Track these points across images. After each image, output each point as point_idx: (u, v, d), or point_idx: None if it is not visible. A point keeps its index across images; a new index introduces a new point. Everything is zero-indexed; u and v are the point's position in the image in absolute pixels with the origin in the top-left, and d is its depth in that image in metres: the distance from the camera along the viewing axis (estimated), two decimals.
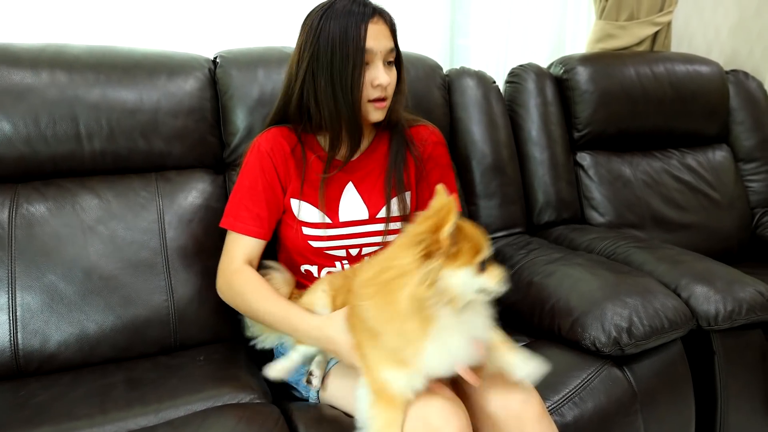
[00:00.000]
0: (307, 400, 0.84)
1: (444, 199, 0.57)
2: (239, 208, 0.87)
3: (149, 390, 0.81)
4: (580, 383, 0.85)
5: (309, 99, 0.83)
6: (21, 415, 0.76)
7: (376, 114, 0.85)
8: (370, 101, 0.83)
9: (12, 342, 0.89)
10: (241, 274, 0.84)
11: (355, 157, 0.90)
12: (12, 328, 0.89)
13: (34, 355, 0.89)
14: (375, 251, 0.89)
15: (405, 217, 0.90)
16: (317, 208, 0.87)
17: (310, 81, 0.82)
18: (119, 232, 0.97)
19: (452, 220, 0.55)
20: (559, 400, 0.83)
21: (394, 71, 0.85)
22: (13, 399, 0.81)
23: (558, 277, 1.03)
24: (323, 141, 0.90)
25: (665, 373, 0.94)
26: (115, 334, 0.93)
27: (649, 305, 0.93)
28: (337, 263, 0.89)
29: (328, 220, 0.87)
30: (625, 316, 0.90)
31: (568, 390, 0.84)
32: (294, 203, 0.87)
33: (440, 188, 0.61)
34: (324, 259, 0.88)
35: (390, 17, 0.85)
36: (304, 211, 0.87)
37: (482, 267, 0.59)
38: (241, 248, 0.86)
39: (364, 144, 0.92)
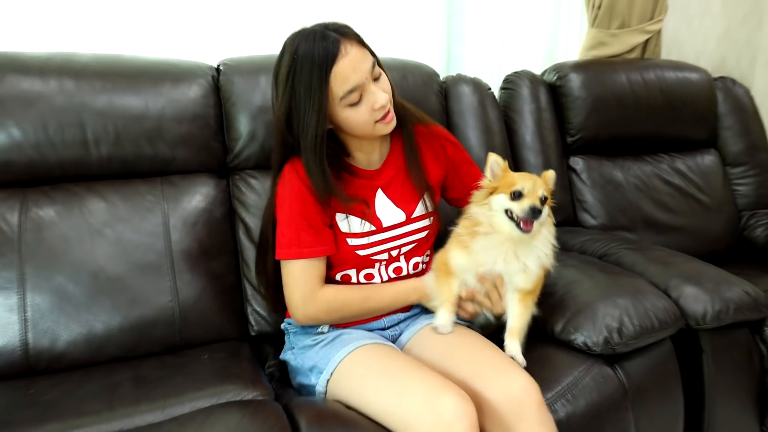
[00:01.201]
0: (315, 387, 0.86)
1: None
2: (298, 233, 0.84)
3: (155, 387, 0.84)
4: (572, 381, 0.88)
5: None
6: (31, 412, 0.78)
7: (386, 128, 0.87)
8: (377, 122, 0.85)
9: (23, 341, 0.91)
10: (327, 297, 0.87)
11: (378, 166, 0.93)
12: (23, 327, 0.91)
13: (43, 354, 0.91)
14: (413, 248, 0.94)
15: (435, 212, 0.95)
16: (362, 218, 0.89)
17: (297, 125, 0.83)
18: (126, 234, 0.99)
19: (487, 169, 0.87)
20: (552, 397, 0.85)
21: (384, 79, 0.85)
22: (23, 396, 0.83)
23: (551, 279, 1.04)
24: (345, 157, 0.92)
25: (655, 370, 0.97)
26: (122, 333, 0.95)
27: (640, 305, 0.96)
28: (377, 264, 0.92)
29: (373, 228, 0.90)
30: (616, 316, 0.93)
31: (560, 387, 0.87)
32: (340, 217, 0.88)
33: (490, 155, 0.87)
34: (365, 263, 0.91)
35: (353, 32, 0.84)
36: (353, 223, 0.89)
37: (515, 197, 0.83)
38: (314, 271, 0.86)
39: (384, 151, 0.94)
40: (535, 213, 0.81)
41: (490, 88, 1.43)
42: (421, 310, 1.00)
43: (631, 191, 1.47)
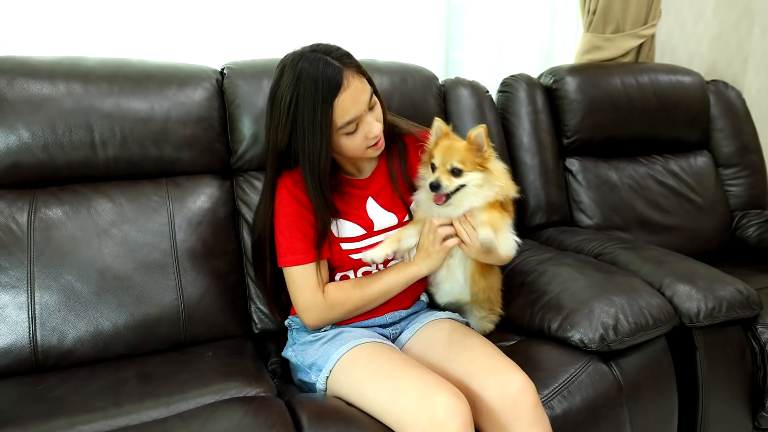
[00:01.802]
0: (315, 384, 0.88)
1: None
2: (292, 242, 0.88)
3: (160, 384, 0.85)
4: (568, 378, 0.89)
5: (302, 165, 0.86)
6: (39, 407, 0.80)
7: (375, 152, 0.90)
8: (368, 147, 0.87)
9: (31, 338, 0.93)
10: (329, 295, 0.89)
11: (368, 174, 0.96)
12: (31, 325, 0.93)
13: (51, 351, 0.93)
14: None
15: None
16: (353, 222, 0.92)
17: (296, 149, 0.85)
18: (132, 234, 1.01)
19: (432, 133, 0.91)
20: (548, 394, 0.87)
21: (378, 107, 0.87)
22: (32, 392, 0.85)
23: (548, 277, 1.08)
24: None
25: (650, 367, 0.98)
26: (128, 331, 0.97)
27: (635, 303, 0.97)
28: (372, 265, 0.94)
29: (364, 232, 0.92)
30: (611, 314, 0.95)
31: (557, 384, 0.88)
32: (332, 222, 0.91)
33: (435, 120, 0.91)
34: (361, 264, 0.94)
35: (354, 62, 0.85)
36: (342, 227, 0.92)
37: (433, 169, 0.88)
38: (314, 276, 0.89)
39: (374, 161, 0.97)
40: (432, 187, 0.86)
41: (488, 91, 1.45)
42: (421, 308, 1.02)
43: (626, 192, 1.49)
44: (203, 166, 1.12)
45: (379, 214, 0.94)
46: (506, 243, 0.88)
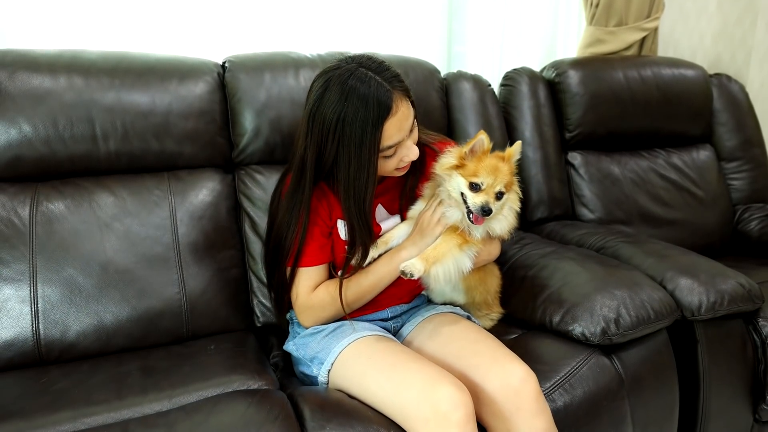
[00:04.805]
0: (316, 377, 0.88)
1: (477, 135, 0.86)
2: (302, 246, 0.88)
3: (163, 377, 0.86)
4: (569, 371, 0.90)
5: (338, 185, 0.84)
6: (43, 400, 0.80)
7: (402, 173, 0.89)
8: (397, 168, 0.86)
9: (34, 332, 0.93)
10: (318, 295, 0.89)
11: (381, 182, 0.94)
12: (34, 318, 0.93)
13: (54, 344, 0.93)
14: None
15: None
16: None
17: (337, 170, 0.82)
18: (134, 228, 1.01)
19: (467, 146, 0.85)
20: (550, 386, 0.87)
21: (416, 131, 0.86)
22: (35, 385, 0.85)
23: (550, 271, 1.08)
24: None
25: (651, 360, 0.99)
26: (131, 324, 0.97)
27: (636, 297, 0.97)
28: None
29: None
30: (613, 307, 0.95)
31: (558, 377, 0.89)
32: (340, 224, 0.90)
33: (481, 132, 0.87)
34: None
35: (403, 84, 0.82)
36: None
37: (473, 188, 0.84)
38: (314, 278, 0.90)
39: None
40: (485, 212, 0.83)
41: (490, 85, 1.45)
42: (422, 302, 1.02)
43: (628, 186, 1.49)
44: (205, 160, 1.12)
45: (386, 219, 0.94)
46: (445, 275, 0.85)
